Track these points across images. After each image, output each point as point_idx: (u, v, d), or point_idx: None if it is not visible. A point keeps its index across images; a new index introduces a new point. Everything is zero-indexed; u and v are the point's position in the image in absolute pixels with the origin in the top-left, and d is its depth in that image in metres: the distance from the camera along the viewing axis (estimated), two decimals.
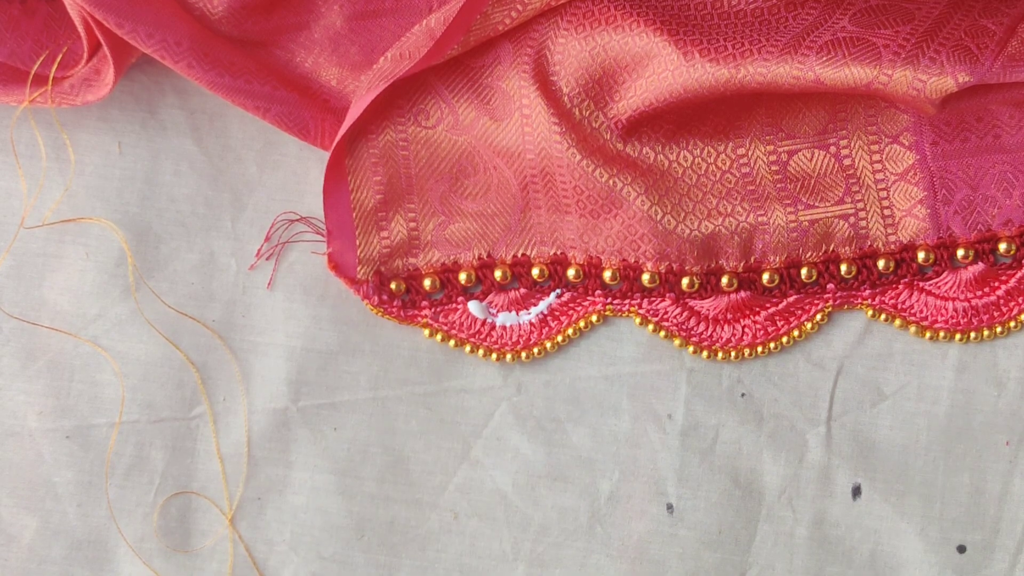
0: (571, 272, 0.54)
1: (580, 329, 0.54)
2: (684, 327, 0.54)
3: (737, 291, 0.54)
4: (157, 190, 0.55)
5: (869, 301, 0.54)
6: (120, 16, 0.50)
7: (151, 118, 0.55)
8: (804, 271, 0.54)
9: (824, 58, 0.50)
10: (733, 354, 0.54)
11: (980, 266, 0.54)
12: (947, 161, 0.54)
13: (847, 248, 0.54)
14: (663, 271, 0.54)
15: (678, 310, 0.54)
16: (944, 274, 0.54)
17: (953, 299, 0.54)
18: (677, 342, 0.54)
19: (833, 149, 0.54)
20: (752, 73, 0.50)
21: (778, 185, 0.54)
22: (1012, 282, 0.54)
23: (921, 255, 0.54)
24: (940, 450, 0.54)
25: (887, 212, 0.54)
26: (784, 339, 0.54)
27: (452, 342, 0.54)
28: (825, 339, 0.55)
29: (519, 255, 0.54)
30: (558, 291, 0.54)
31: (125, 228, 0.55)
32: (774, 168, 0.54)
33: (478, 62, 0.54)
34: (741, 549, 0.54)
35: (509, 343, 0.54)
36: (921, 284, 0.54)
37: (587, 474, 0.54)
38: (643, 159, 0.53)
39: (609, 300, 0.54)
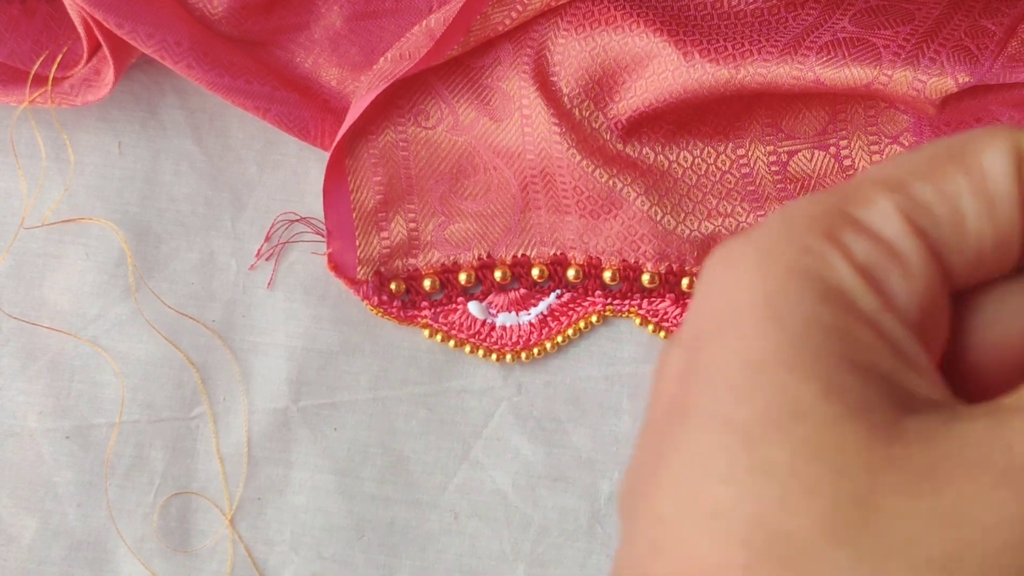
0: (571, 272, 0.54)
1: (580, 329, 0.54)
2: None
3: None
4: (157, 190, 0.55)
5: None
6: (120, 16, 0.50)
7: (151, 118, 0.55)
8: None
9: (824, 58, 0.50)
10: None
11: None
12: None
13: None
14: (663, 271, 0.54)
15: (678, 310, 0.54)
16: None
17: None
18: None
19: (833, 150, 0.54)
20: (752, 73, 0.50)
21: (778, 186, 0.54)
22: None
23: None
24: None
25: None
26: None
27: (452, 342, 0.54)
28: None
29: (519, 255, 0.54)
30: (558, 291, 0.54)
31: (125, 228, 0.55)
32: (774, 169, 0.54)
33: (478, 62, 0.54)
34: None
35: (509, 343, 0.54)
36: None
37: (587, 474, 0.54)
38: (643, 159, 0.53)
39: (609, 300, 0.54)
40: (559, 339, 0.54)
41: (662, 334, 0.54)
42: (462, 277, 0.54)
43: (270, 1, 0.54)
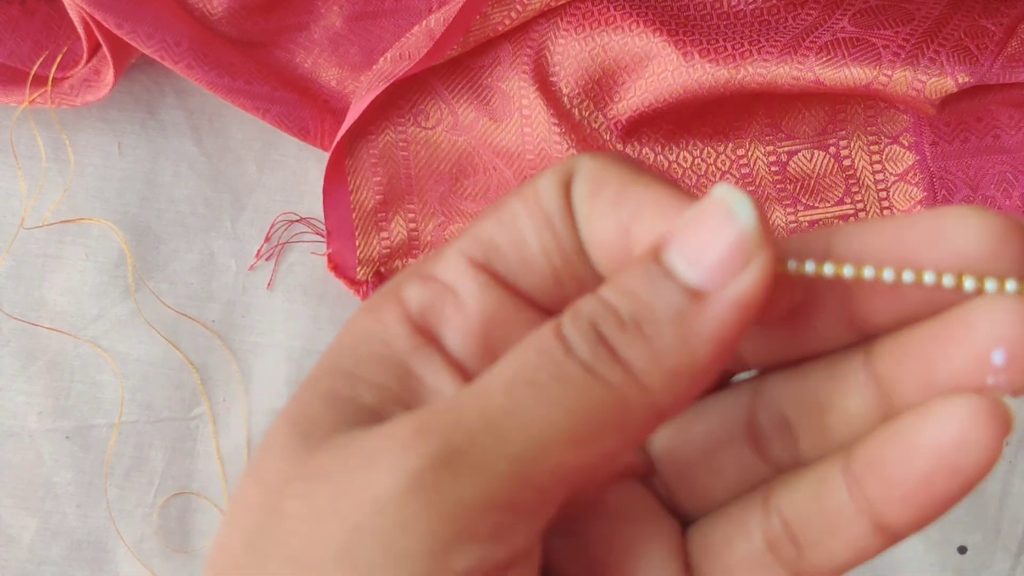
0: None
1: None
2: None
3: None
4: (157, 191, 0.55)
5: None
6: (120, 16, 0.50)
7: (151, 119, 0.55)
8: None
9: (824, 58, 0.50)
10: None
11: None
12: (947, 161, 0.54)
13: None
14: None
15: None
16: None
17: None
18: None
19: (833, 150, 0.54)
20: (752, 73, 0.50)
21: (778, 186, 0.54)
22: None
23: None
24: None
25: (887, 213, 0.54)
26: None
27: None
28: None
29: None
30: None
31: (125, 229, 0.55)
32: (774, 169, 0.54)
33: (478, 63, 0.54)
34: None
35: None
36: None
37: None
38: (643, 160, 0.53)
39: None
40: None
41: None
42: None
43: (270, 2, 0.54)
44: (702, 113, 0.54)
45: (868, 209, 0.54)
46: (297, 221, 0.55)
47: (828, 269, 0.25)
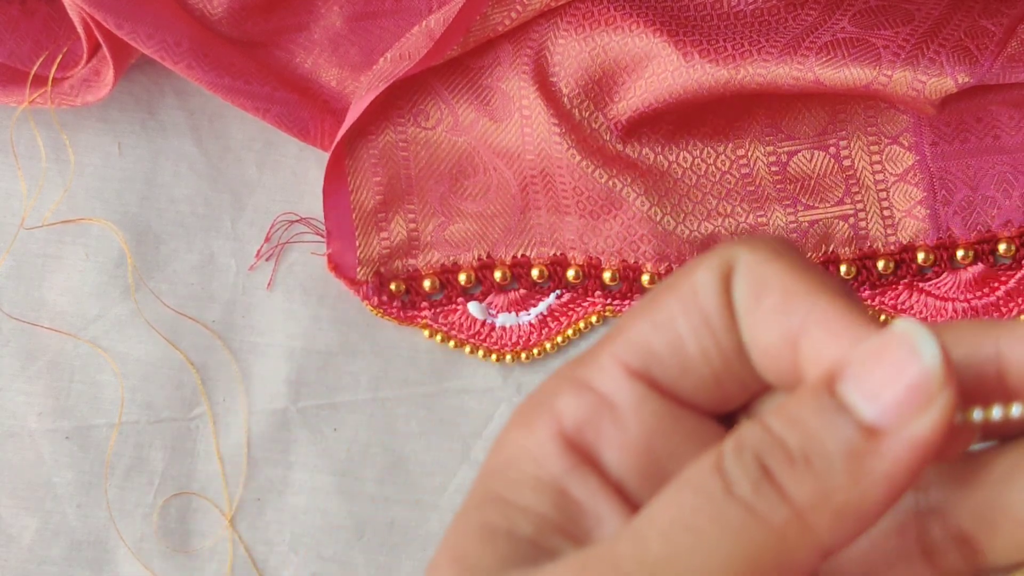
0: (571, 273, 0.54)
1: (580, 330, 0.54)
2: None
3: None
4: (157, 191, 0.55)
5: (869, 302, 0.54)
6: (120, 17, 0.50)
7: (151, 119, 0.55)
8: None
9: (824, 59, 0.50)
10: None
11: (980, 267, 0.54)
12: (947, 162, 0.54)
13: (847, 249, 0.54)
14: (663, 272, 0.54)
15: None
16: (944, 275, 0.54)
17: (953, 300, 0.54)
18: None
19: (833, 150, 0.54)
20: (752, 74, 0.50)
21: (778, 186, 0.54)
22: (1012, 283, 0.54)
23: (921, 256, 0.54)
24: None
25: (887, 213, 0.54)
26: None
27: (452, 343, 0.54)
28: None
29: (519, 256, 0.54)
30: (558, 292, 0.54)
31: (125, 229, 0.55)
32: (774, 169, 0.54)
33: (478, 63, 0.54)
34: None
35: (509, 344, 0.54)
36: (921, 285, 0.54)
37: None
38: (643, 160, 0.53)
39: (609, 301, 0.54)
40: (559, 339, 0.54)
41: None
42: (462, 277, 0.54)
43: (270, 2, 0.54)
44: (702, 113, 0.54)
45: (868, 209, 0.54)
46: (297, 221, 0.55)
47: (996, 413, 0.25)
